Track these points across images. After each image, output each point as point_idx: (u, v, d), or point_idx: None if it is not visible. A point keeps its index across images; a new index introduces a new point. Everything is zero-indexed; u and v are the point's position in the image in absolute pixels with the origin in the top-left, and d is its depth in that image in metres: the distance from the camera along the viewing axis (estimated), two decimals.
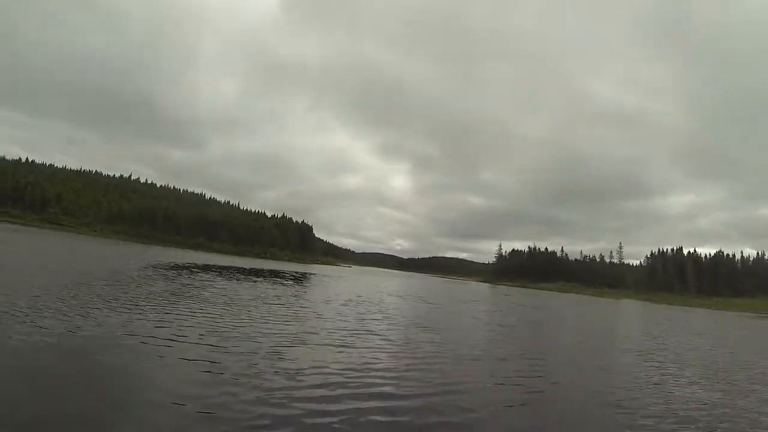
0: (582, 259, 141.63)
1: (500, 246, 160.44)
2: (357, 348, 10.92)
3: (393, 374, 8.74)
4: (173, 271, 26.98)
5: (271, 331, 11.54)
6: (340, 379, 7.91)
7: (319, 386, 7.30)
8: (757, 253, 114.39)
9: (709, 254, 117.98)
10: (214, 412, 5.64)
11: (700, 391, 9.90)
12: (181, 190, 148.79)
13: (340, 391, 7.15)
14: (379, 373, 8.64)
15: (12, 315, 9.03)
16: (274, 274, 41.49)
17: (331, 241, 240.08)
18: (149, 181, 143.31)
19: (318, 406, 6.34)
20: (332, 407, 6.34)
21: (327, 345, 10.85)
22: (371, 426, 5.85)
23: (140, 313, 11.33)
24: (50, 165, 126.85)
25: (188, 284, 20.56)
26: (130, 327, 9.66)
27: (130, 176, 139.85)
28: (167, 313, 11.96)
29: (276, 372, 7.83)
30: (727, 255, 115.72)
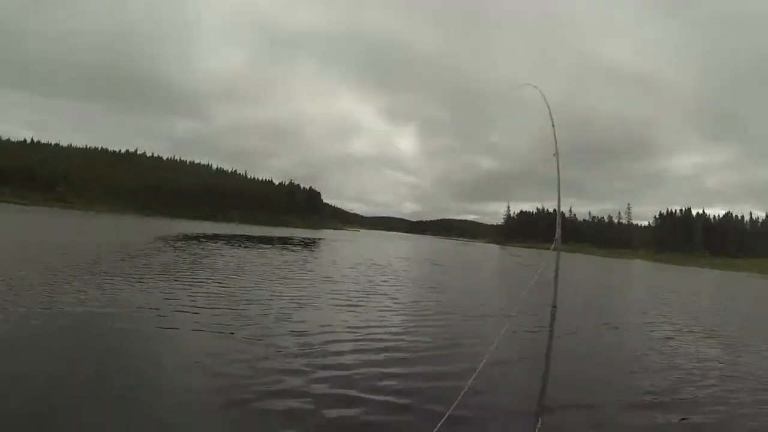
0: (590, 219, 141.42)
1: (508, 207, 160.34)
2: (366, 308, 11.12)
3: (400, 331, 8.90)
4: (182, 242, 27.29)
5: (281, 295, 11.71)
6: (349, 337, 8.10)
7: (329, 344, 7.46)
8: (766, 215, 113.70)
9: (718, 215, 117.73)
10: (228, 372, 5.78)
11: (705, 348, 9.89)
12: (188, 162, 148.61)
13: (349, 349, 7.31)
14: (387, 330, 8.83)
15: (30, 291, 9.19)
16: (283, 240, 41.80)
17: (339, 207, 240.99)
18: (155, 155, 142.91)
19: (327, 362, 6.49)
20: (341, 363, 6.49)
21: (336, 306, 11.04)
22: (380, 378, 6.00)
23: (153, 284, 11.50)
24: (56, 144, 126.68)
25: (198, 254, 20.83)
26: (144, 297, 9.83)
27: (136, 151, 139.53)
28: (179, 282, 12.16)
29: (287, 332, 8.00)
30: (736, 216, 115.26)
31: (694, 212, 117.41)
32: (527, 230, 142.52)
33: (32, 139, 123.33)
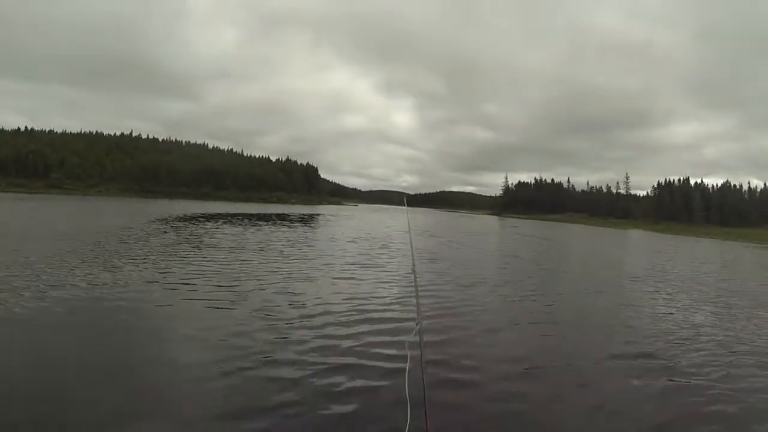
0: (588, 189, 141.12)
1: (506, 178, 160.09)
2: (364, 280, 11.40)
3: (396, 301, 9.13)
4: (181, 223, 27.40)
5: (281, 270, 11.96)
6: (348, 306, 8.41)
7: (328, 314, 7.73)
8: (765, 184, 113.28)
9: (716, 185, 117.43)
10: (228, 342, 6.03)
11: (696, 314, 10.03)
12: (184, 142, 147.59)
13: (347, 318, 7.59)
14: (383, 300, 9.08)
15: (38, 276, 9.33)
16: (281, 217, 41.95)
17: (337, 182, 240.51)
18: (151, 136, 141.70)
19: (327, 331, 6.77)
20: (340, 332, 6.77)
21: (335, 278, 11.33)
22: (377, 345, 6.26)
23: (155, 264, 11.66)
24: (50, 131, 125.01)
25: (197, 233, 20.96)
26: (146, 276, 10.03)
27: (131, 133, 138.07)
28: (180, 261, 12.35)
29: (288, 304, 8.25)
30: (734, 185, 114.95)
31: (692, 182, 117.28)
32: (526, 201, 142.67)
33: (26, 127, 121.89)
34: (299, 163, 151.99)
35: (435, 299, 9.46)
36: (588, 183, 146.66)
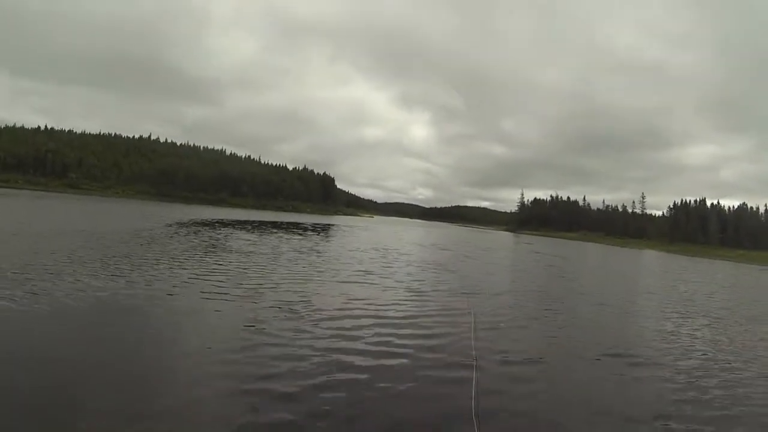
0: (604, 208, 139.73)
1: (522, 195, 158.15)
2: (376, 286, 11.96)
3: (405, 306, 9.70)
4: (197, 227, 27.78)
5: (297, 275, 12.43)
6: (360, 306, 9.13)
7: (342, 315, 8.27)
8: None
9: (733, 206, 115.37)
10: (252, 338, 6.45)
11: (687, 328, 10.36)
12: (202, 148, 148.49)
13: (360, 319, 8.11)
14: (393, 306, 9.57)
15: (57, 275, 9.51)
16: (297, 226, 42.32)
17: (353, 192, 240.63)
18: (169, 140, 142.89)
19: (342, 330, 7.25)
20: (354, 332, 7.26)
21: (348, 284, 11.87)
22: (386, 343, 6.79)
23: (177, 265, 12.10)
24: (70, 131, 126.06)
25: (213, 238, 21.33)
26: (167, 277, 10.44)
27: (149, 136, 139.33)
28: (198, 264, 12.81)
29: (304, 305, 8.73)
30: (751, 208, 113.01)
31: (709, 203, 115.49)
32: (541, 218, 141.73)
33: (45, 126, 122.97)
34: (316, 172, 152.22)
35: (442, 305, 10.03)
36: (604, 201, 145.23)
